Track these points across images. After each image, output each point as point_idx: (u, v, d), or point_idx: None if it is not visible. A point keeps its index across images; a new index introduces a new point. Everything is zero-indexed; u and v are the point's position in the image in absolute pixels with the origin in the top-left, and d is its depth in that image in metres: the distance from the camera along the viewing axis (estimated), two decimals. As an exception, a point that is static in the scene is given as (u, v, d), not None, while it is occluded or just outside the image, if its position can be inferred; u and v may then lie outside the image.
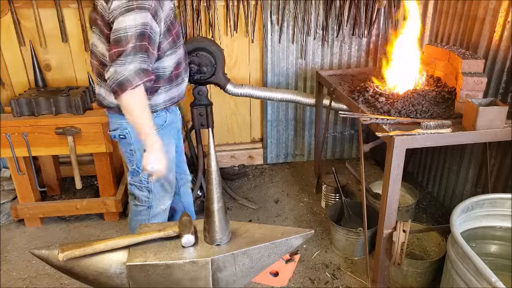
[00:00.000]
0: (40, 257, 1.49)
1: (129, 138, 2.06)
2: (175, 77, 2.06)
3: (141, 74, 1.73)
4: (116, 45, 1.73)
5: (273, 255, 1.54)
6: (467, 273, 1.74)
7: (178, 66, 2.06)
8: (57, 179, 3.30)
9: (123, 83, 1.70)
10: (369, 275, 2.40)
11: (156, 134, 1.87)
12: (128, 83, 1.70)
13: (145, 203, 2.21)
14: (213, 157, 1.48)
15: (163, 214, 2.30)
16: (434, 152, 3.17)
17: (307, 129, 3.78)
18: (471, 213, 2.07)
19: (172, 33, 1.95)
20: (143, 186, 2.16)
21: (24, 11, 3.05)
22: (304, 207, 3.23)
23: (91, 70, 2.04)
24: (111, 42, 1.76)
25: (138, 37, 1.73)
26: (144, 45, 1.75)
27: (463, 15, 2.74)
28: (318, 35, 3.43)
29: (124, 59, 1.71)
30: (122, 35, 1.72)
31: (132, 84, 1.70)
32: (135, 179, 2.17)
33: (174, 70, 2.04)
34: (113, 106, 2.00)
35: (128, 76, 1.70)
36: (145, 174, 2.09)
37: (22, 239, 2.90)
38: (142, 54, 1.74)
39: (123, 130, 2.04)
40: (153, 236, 1.50)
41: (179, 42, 2.03)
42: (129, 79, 1.70)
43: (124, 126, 2.03)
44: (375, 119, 2.13)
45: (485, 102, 2.03)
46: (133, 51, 1.72)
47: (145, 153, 1.85)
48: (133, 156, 2.10)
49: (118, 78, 1.70)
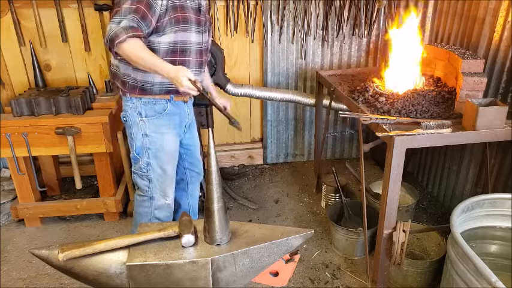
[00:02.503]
0: (40, 257, 1.49)
1: (129, 121, 2.14)
2: (180, 64, 2.02)
3: (128, 29, 1.86)
4: (117, 5, 1.92)
5: (273, 255, 1.54)
6: (467, 273, 1.74)
7: (184, 53, 2.06)
8: (57, 179, 3.30)
9: (112, 38, 1.85)
10: (369, 275, 2.40)
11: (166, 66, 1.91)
12: (116, 37, 1.84)
13: (147, 193, 2.24)
14: (213, 157, 1.48)
15: (168, 208, 2.31)
16: (434, 152, 3.17)
17: (307, 129, 3.78)
18: (471, 213, 2.07)
19: (178, 14, 1.98)
20: (143, 175, 2.20)
21: (24, 11, 3.05)
22: (304, 207, 3.23)
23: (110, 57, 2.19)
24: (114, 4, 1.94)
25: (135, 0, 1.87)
26: (138, 8, 1.87)
27: (463, 15, 2.74)
28: (318, 35, 3.43)
29: (117, 18, 1.88)
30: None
31: (118, 38, 1.84)
32: (136, 167, 2.22)
33: (179, 55, 2.05)
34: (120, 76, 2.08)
35: (116, 31, 1.85)
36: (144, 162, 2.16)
37: (22, 239, 2.90)
38: (134, 14, 1.87)
39: (125, 112, 2.14)
40: (153, 236, 1.51)
41: (186, 27, 2.02)
42: (117, 34, 1.85)
43: (126, 109, 2.13)
44: (375, 119, 2.13)
45: (485, 102, 2.03)
46: (127, 11, 1.87)
47: (172, 80, 1.92)
48: (133, 141, 2.16)
49: (109, 34, 1.86)
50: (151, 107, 2.10)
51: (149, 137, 2.13)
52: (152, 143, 2.14)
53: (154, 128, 2.12)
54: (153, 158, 2.16)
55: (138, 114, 2.10)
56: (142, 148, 2.15)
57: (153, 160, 2.17)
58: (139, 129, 2.12)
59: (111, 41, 1.86)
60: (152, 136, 2.13)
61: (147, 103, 2.09)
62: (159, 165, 2.19)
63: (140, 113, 2.10)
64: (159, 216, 2.28)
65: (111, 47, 1.88)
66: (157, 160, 2.17)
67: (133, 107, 2.10)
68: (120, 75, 2.09)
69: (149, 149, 2.15)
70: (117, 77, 2.12)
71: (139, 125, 2.12)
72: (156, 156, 2.17)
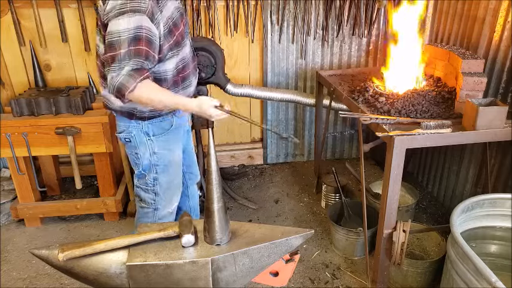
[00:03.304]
0: (40, 257, 1.48)
1: (134, 142, 2.05)
2: (182, 80, 2.01)
3: (134, 75, 1.71)
4: (109, 49, 1.72)
5: (273, 255, 1.54)
6: (467, 273, 1.74)
7: (185, 68, 2.01)
8: (57, 179, 3.30)
9: (120, 88, 1.71)
10: (369, 275, 2.40)
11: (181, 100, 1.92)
12: (124, 87, 1.70)
13: (152, 205, 2.20)
14: (213, 157, 1.48)
15: (170, 217, 2.29)
16: (434, 152, 3.17)
17: (307, 129, 3.78)
18: (471, 213, 2.07)
19: (175, 35, 1.88)
20: (149, 189, 2.15)
21: (24, 11, 3.05)
22: (304, 207, 3.23)
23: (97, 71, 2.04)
24: (105, 46, 1.75)
25: (132, 41, 1.69)
26: (140, 49, 1.71)
27: (463, 15, 2.74)
28: (318, 35, 3.43)
29: (118, 65, 1.70)
30: (115, 39, 1.70)
31: (128, 88, 1.70)
32: (140, 182, 2.16)
33: (181, 73, 1.99)
34: (118, 109, 1.99)
35: (122, 81, 1.70)
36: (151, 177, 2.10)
37: (22, 239, 2.90)
38: (136, 58, 1.71)
39: (129, 134, 2.03)
40: (153, 236, 1.50)
41: (183, 43, 1.96)
42: (124, 83, 1.70)
43: (129, 130, 2.02)
44: (375, 119, 2.13)
45: (485, 102, 2.03)
46: (127, 56, 1.70)
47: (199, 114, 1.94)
48: (138, 160, 2.09)
49: (115, 85, 1.71)
50: (159, 125, 2.03)
51: (157, 154, 2.07)
52: (161, 160, 2.08)
53: (163, 145, 2.06)
54: (161, 173, 2.11)
55: (145, 134, 2.02)
56: (149, 165, 2.09)
57: (161, 175, 2.12)
58: (146, 148, 2.04)
59: (119, 92, 1.72)
60: (161, 153, 2.07)
61: (154, 122, 2.02)
62: (167, 179, 2.15)
63: (147, 132, 2.02)
64: None
65: (121, 98, 1.75)
66: (165, 174, 2.13)
67: (139, 128, 2.01)
68: (118, 108, 1.98)
69: (157, 165, 2.09)
70: (114, 110, 2.02)
71: (147, 145, 2.04)
72: (164, 171, 2.12)
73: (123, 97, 1.73)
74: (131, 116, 1.98)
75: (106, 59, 1.74)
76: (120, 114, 2.01)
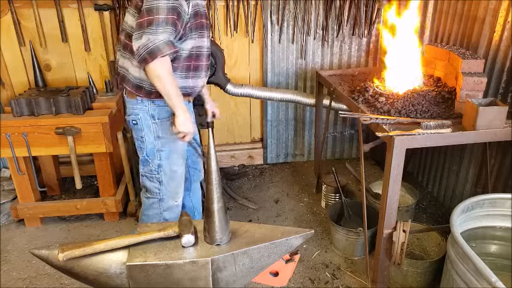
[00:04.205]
0: (40, 257, 1.49)
1: (140, 125, 2.10)
2: (194, 69, 2.08)
3: (170, 44, 1.83)
4: (148, 14, 1.81)
5: (273, 255, 1.54)
6: (467, 273, 1.74)
7: (199, 57, 2.08)
8: (57, 179, 3.30)
9: (154, 51, 1.79)
10: (369, 275, 2.40)
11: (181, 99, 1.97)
12: (159, 51, 1.79)
13: (157, 195, 2.22)
14: (213, 157, 1.48)
15: (176, 208, 2.31)
16: (434, 152, 3.17)
17: (307, 129, 3.78)
18: (471, 213, 2.07)
19: (198, 20, 1.99)
20: (154, 177, 2.18)
21: (24, 11, 3.05)
22: (304, 207, 3.23)
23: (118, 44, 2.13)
24: (142, 12, 1.83)
25: (170, 10, 1.81)
26: (173, 18, 1.83)
27: (463, 15, 2.74)
28: (318, 35, 3.43)
29: (155, 28, 1.80)
30: (155, 5, 1.80)
31: (162, 52, 1.80)
32: (145, 169, 2.19)
33: (194, 60, 2.06)
34: (131, 81, 2.04)
35: (158, 45, 1.79)
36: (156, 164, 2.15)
37: (22, 239, 2.90)
38: (171, 26, 1.83)
39: (136, 116, 2.10)
40: (153, 236, 1.51)
41: (204, 32, 2.05)
42: (160, 48, 1.80)
43: (136, 112, 2.09)
44: (375, 119, 2.13)
45: (485, 102, 2.03)
46: (164, 22, 1.80)
47: (175, 117, 1.98)
48: (143, 144, 2.14)
49: (149, 46, 1.79)
50: (164, 108, 2.07)
51: (162, 139, 2.11)
52: (165, 145, 2.13)
53: (167, 129, 2.10)
54: (165, 159, 2.15)
55: (151, 116, 2.08)
56: (153, 150, 2.13)
57: (164, 162, 2.15)
58: (151, 131, 2.10)
59: (151, 54, 1.79)
60: (165, 138, 2.11)
61: (160, 105, 2.07)
62: (170, 167, 2.18)
63: (153, 115, 2.08)
64: (168, 218, 2.27)
65: (148, 60, 1.81)
66: (168, 161, 2.16)
67: (146, 110, 2.07)
68: (132, 79, 2.04)
69: (161, 151, 2.13)
70: (127, 81, 2.06)
71: (152, 128, 2.09)
72: (168, 158, 2.15)
73: (152, 59, 1.80)
74: (139, 89, 2.03)
75: (141, 22, 1.82)
76: (131, 88, 2.05)
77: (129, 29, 1.98)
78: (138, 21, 1.84)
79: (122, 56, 2.08)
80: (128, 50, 2.00)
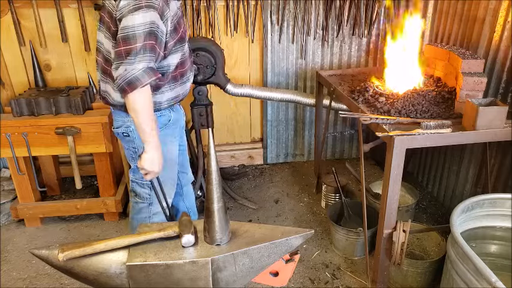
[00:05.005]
0: (40, 257, 1.48)
1: (133, 136, 2.07)
2: (181, 76, 2.06)
3: (150, 72, 1.76)
4: (125, 42, 1.74)
5: (273, 255, 1.54)
6: (467, 273, 1.74)
7: (184, 64, 2.05)
8: (57, 179, 3.30)
9: (132, 81, 1.73)
10: (369, 275, 2.40)
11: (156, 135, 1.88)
12: (138, 81, 1.73)
13: (147, 200, 2.22)
14: (213, 157, 1.48)
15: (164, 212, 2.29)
16: (434, 152, 3.17)
17: (307, 129, 3.78)
18: (471, 213, 2.07)
19: (180, 32, 1.95)
20: (144, 183, 2.17)
21: (24, 11, 3.05)
22: (304, 207, 3.23)
23: (96, 67, 2.06)
24: (118, 40, 1.76)
25: (147, 36, 1.74)
26: (152, 44, 1.76)
27: (463, 15, 2.74)
28: (318, 35, 3.43)
29: (133, 58, 1.73)
30: (131, 33, 1.73)
31: (141, 83, 1.73)
32: (136, 176, 2.18)
33: (179, 68, 2.03)
34: (117, 104, 2.01)
35: (137, 75, 1.73)
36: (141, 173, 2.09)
37: (22, 239, 2.90)
38: (150, 53, 1.76)
39: (127, 128, 2.05)
40: (153, 236, 1.50)
41: (185, 43, 2.02)
42: (139, 78, 1.73)
43: (128, 124, 2.04)
44: (375, 119, 2.13)
45: (485, 102, 2.03)
46: (142, 50, 1.73)
47: (144, 153, 1.88)
48: (135, 154, 2.11)
49: (128, 77, 1.73)
50: (157, 119, 2.03)
51: None
52: None
53: (160, 139, 2.05)
54: None
55: None
56: None
57: None
58: None
59: (130, 85, 1.73)
60: None
61: None
62: (162, 174, 2.13)
63: None
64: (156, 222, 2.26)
65: (127, 91, 1.74)
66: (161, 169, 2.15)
67: None
68: (116, 103, 2.00)
69: None
70: (112, 104, 2.03)
71: None
72: None
73: (131, 90, 1.73)
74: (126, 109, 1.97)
75: (119, 52, 1.75)
76: (119, 108, 2.02)
77: (105, 52, 1.93)
78: (115, 50, 1.77)
79: (102, 80, 2.03)
80: (108, 75, 1.95)
